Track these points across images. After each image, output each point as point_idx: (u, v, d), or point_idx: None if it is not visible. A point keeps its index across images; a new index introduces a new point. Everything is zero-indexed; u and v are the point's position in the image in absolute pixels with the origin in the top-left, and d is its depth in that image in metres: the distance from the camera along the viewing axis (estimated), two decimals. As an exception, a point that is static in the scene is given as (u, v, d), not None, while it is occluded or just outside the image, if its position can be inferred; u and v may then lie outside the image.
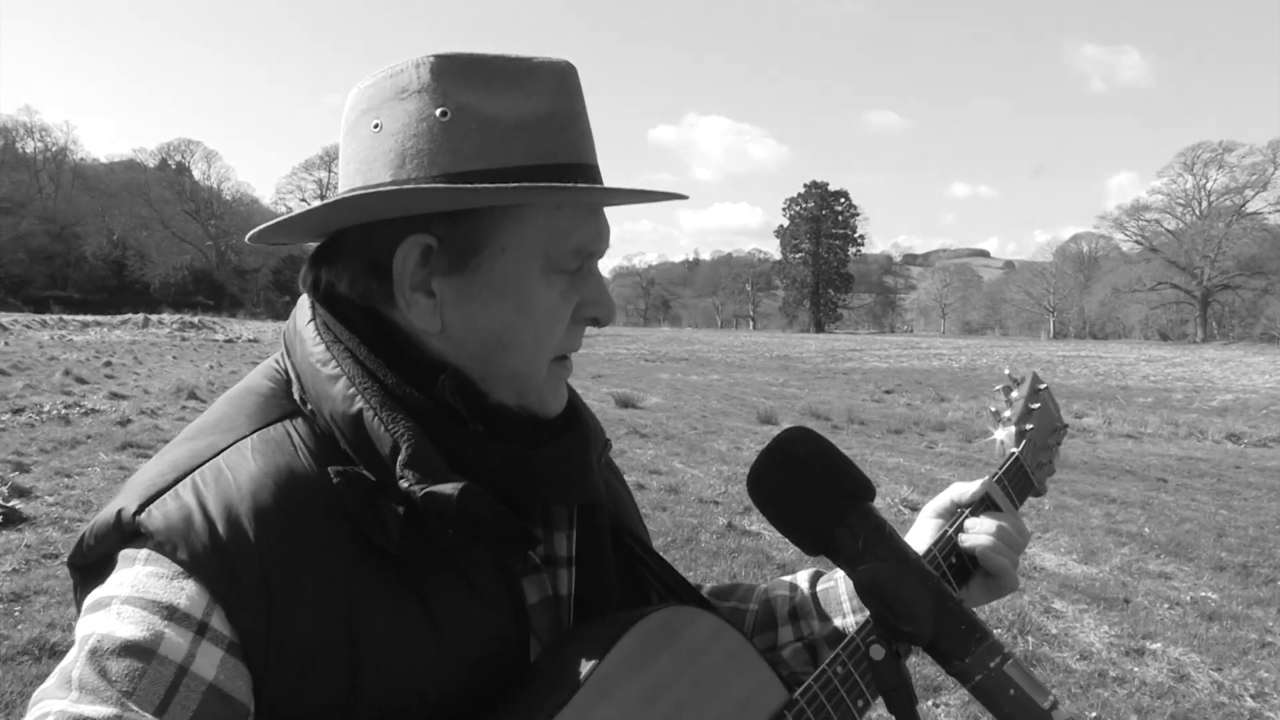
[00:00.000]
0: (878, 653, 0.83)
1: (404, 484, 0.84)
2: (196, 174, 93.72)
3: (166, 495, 0.83)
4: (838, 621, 1.19)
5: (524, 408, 0.97)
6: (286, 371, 0.97)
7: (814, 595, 1.24)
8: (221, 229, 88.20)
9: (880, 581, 0.80)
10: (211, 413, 0.96)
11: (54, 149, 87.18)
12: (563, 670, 0.87)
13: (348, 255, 0.96)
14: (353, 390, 0.89)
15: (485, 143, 0.89)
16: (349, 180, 0.96)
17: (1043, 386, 1.49)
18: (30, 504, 7.19)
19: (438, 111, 0.89)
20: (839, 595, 1.22)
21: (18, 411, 11.95)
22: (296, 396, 0.94)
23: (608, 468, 1.19)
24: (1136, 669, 5.09)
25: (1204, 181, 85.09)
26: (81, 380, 16.93)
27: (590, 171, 0.94)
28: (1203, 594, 6.49)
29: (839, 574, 1.23)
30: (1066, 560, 7.23)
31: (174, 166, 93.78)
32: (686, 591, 1.07)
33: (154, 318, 46.76)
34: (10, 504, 6.90)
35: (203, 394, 15.22)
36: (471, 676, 0.87)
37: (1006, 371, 1.55)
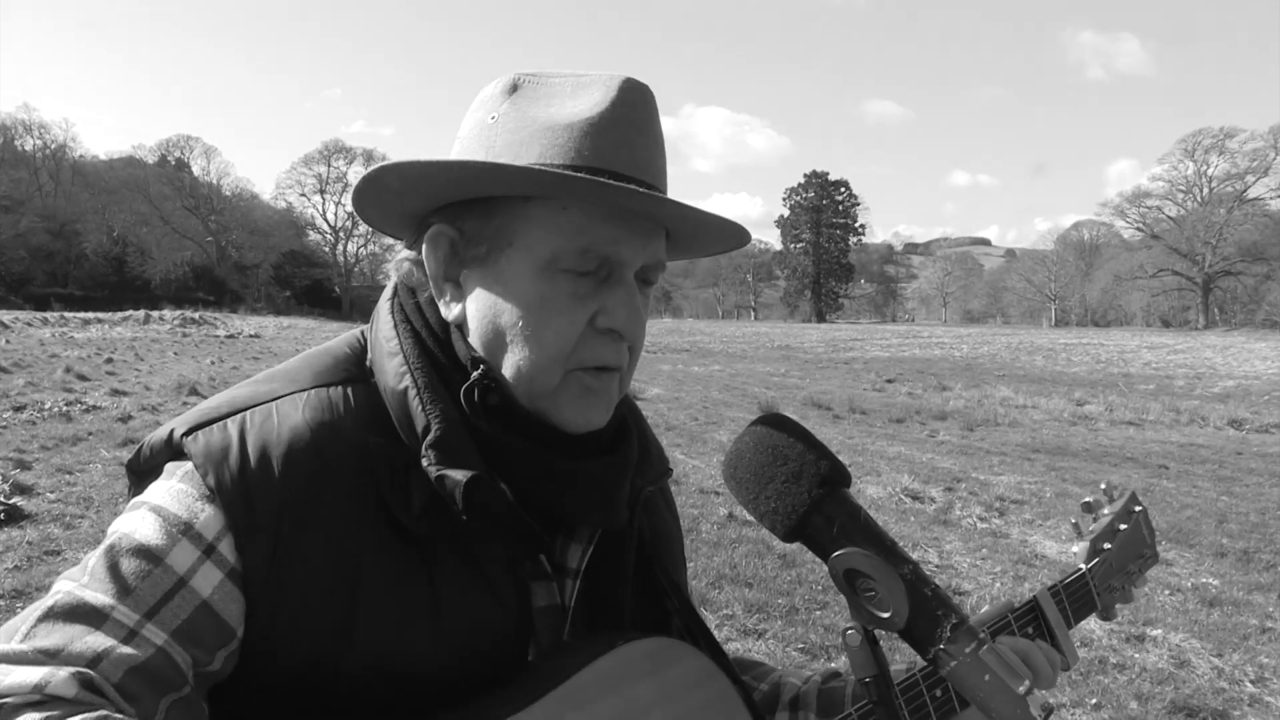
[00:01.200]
0: (854, 639, 0.83)
1: (424, 463, 0.88)
2: (196, 170, 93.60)
3: (214, 425, 0.91)
4: None
5: (539, 414, 0.96)
6: (364, 343, 1.04)
7: (821, 690, 1.23)
8: (222, 225, 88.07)
9: (854, 567, 0.80)
10: (286, 364, 1.03)
11: (53, 146, 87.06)
12: (543, 674, 0.89)
13: (406, 247, 1.03)
14: (404, 368, 0.95)
15: (514, 141, 0.93)
16: None
17: (1139, 509, 1.41)
18: (32, 501, 7.21)
19: (490, 117, 0.97)
20: (843, 696, 1.21)
21: (19, 409, 11.95)
22: (368, 364, 1.01)
23: (661, 496, 1.20)
24: (1137, 655, 5.09)
25: (1205, 168, 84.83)
26: (83, 377, 16.94)
27: (630, 182, 0.91)
28: (1203, 580, 6.49)
29: (852, 678, 1.21)
30: (1067, 547, 7.22)
31: (173, 163, 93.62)
32: (706, 638, 1.06)
33: (155, 314, 46.77)
34: (12, 501, 6.92)
35: (204, 390, 15.23)
36: (464, 663, 0.89)
37: (1102, 486, 1.47)
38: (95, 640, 0.79)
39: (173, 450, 0.91)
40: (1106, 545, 1.35)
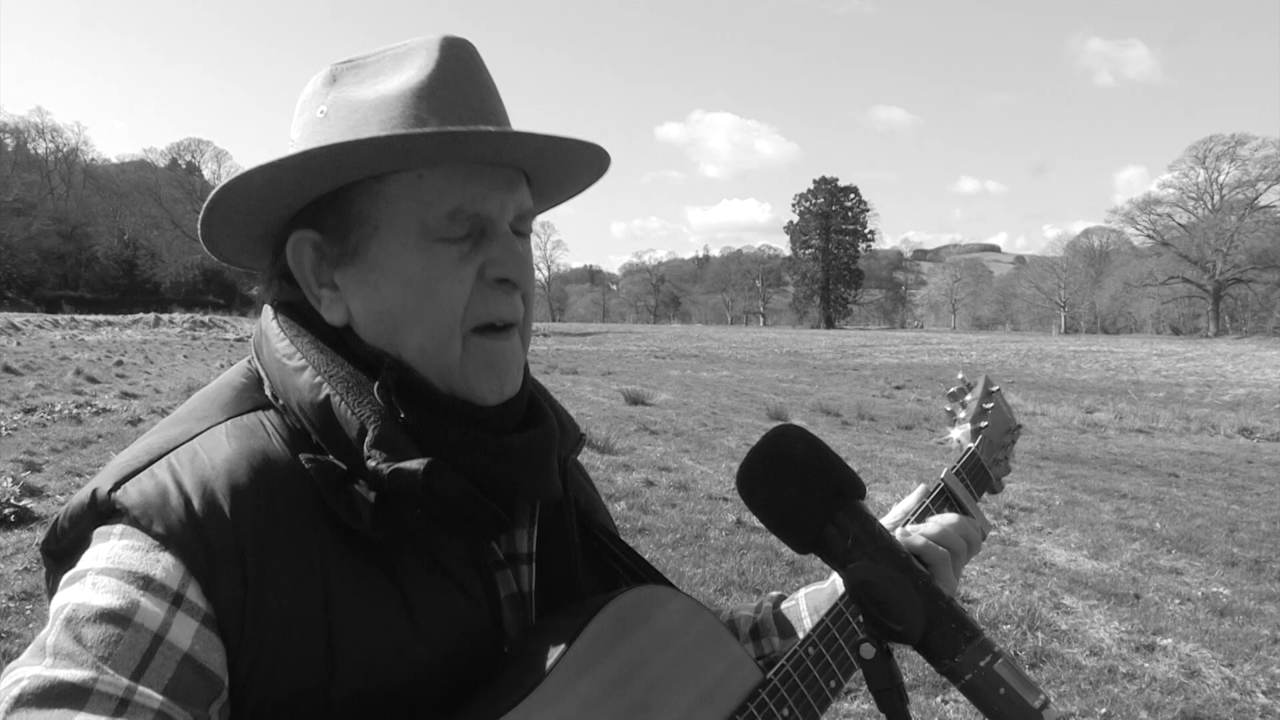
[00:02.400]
0: (868, 652, 0.82)
1: (371, 463, 0.85)
2: (207, 173, 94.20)
3: (142, 474, 0.83)
4: (798, 638, 1.19)
5: (452, 393, 0.94)
6: (257, 372, 0.98)
7: (776, 614, 1.25)
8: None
9: (870, 580, 0.79)
10: (186, 405, 0.97)
11: (65, 150, 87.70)
12: (537, 653, 0.87)
13: (268, 263, 1.00)
14: (319, 379, 0.90)
15: (350, 126, 0.91)
16: None
17: (995, 389, 1.55)
18: (41, 503, 7.24)
19: (318, 112, 0.95)
20: (800, 612, 1.24)
21: (30, 411, 12.02)
22: (268, 393, 0.95)
23: (574, 465, 1.18)
24: (1147, 665, 5.06)
25: (1216, 175, 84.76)
26: (93, 380, 17.02)
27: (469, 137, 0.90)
28: (1214, 589, 6.45)
29: (801, 593, 1.27)
30: (1077, 556, 7.20)
31: (184, 166, 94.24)
32: (654, 577, 1.07)
33: (165, 317, 47.00)
34: (22, 503, 6.95)
35: (213, 393, 15.27)
36: (447, 663, 0.87)
37: (959, 375, 1.60)
38: None
39: (98, 512, 0.82)
40: (983, 424, 1.48)
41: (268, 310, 1.00)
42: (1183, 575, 6.80)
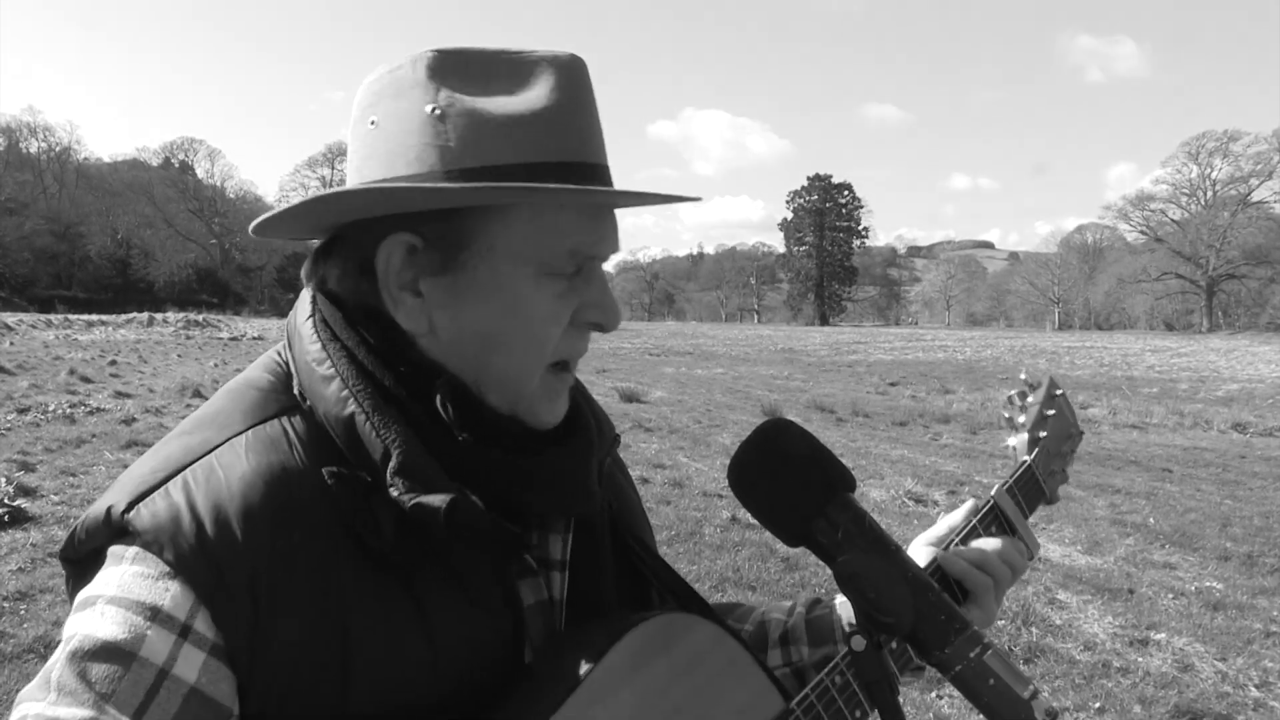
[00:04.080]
0: (859, 644, 0.83)
1: (393, 492, 0.83)
2: (200, 172, 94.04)
3: (156, 494, 0.82)
4: (828, 649, 1.18)
5: (515, 417, 0.93)
6: (288, 365, 0.96)
7: (807, 621, 1.22)
8: (225, 227, 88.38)
9: (859, 572, 0.80)
10: (208, 406, 0.95)
11: (58, 149, 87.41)
12: (558, 673, 0.86)
13: (340, 252, 0.95)
14: (345, 393, 0.88)
15: (474, 140, 0.86)
16: (350, 177, 0.94)
17: (1059, 392, 1.46)
18: (35, 503, 7.22)
19: (428, 109, 0.87)
20: (832, 622, 1.20)
21: (23, 411, 11.99)
22: (296, 391, 0.93)
23: (614, 464, 1.16)
24: (1141, 659, 5.08)
25: (1209, 171, 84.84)
26: (86, 379, 16.97)
27: (593, 171, 0.90)
28: (1207, 584, 6.47)
29: (838, 600, 1.21)
30: (1071, 551, 7.22)
31: (177, 165, 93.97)
32: (687, 595, 1.05)
33: (158, 316, 46.90)
34: (16, 503, 6.94)
35: (207, 392, 15.24)
36: (465, 679, 0.86)
37: (1022, 376, 1.52)
38: None
39: (113, 530, 0.81)
40: (1042, 434, 1.39)
41: (305, 302, 0.97)
42: (1176, 570, 6.82)
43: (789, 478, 0.84)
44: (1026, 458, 1.35)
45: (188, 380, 16.59)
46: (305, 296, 0.98)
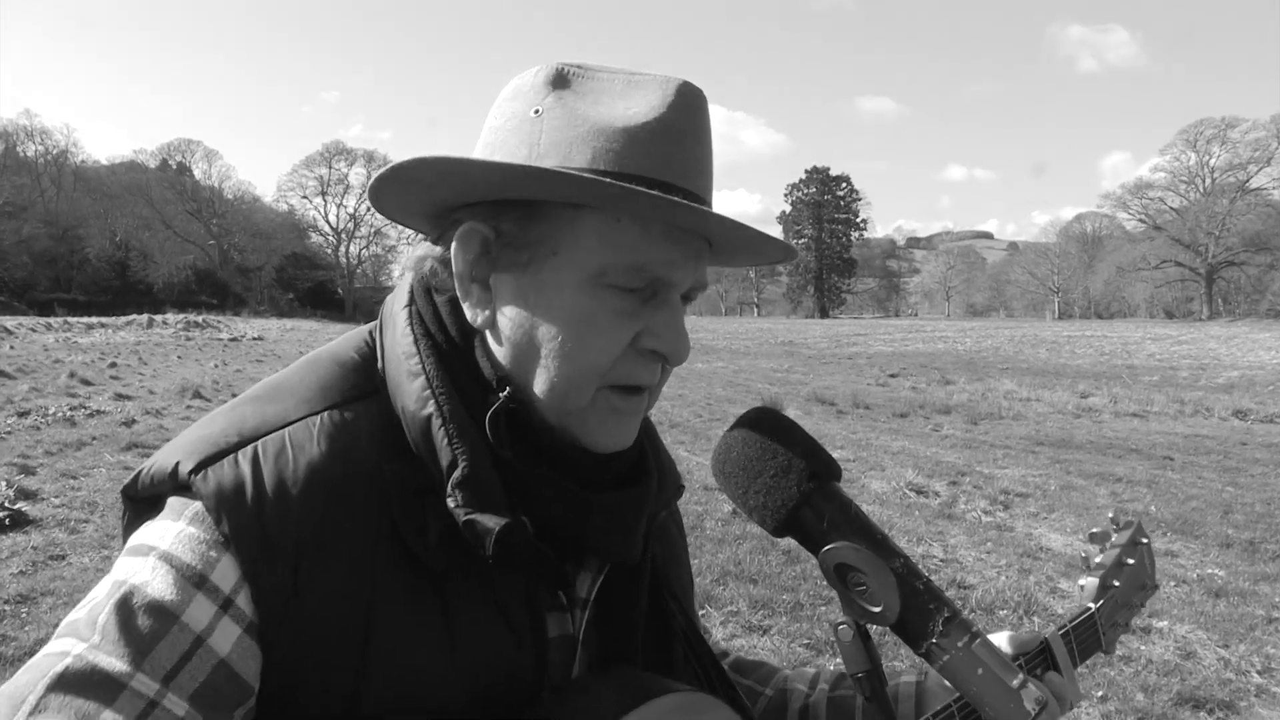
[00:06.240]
0: (846, 634, 0.82)
1: (450, 503, 0.84)
2: (197, 174, 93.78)
3: (225, 460, 0.83)
4: None
5: (565, 432, 0.92)
6: (375, 347, 0.97)
7: (829, 699, 1.20)
8: (224, 228, 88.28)
9: (845, 561, 0.79)
10: (290, 374, 0.95)
11: (55, 152, 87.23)
12: None
13: (435, 241, 0.96)
14: (428, 393, 0.88)
15: (561, 140, 0.86)
16: None
17: (1144, 540, 1.41)
18: (36, 506, 7.21)
19: (532, 110, 0.89)
20: (854, 706, 1.18)
21: (23, 414, 11.97)
22: (379, 375, 0.94)
23: (669, 514, 1.15)
24: (1143, 647, 5.08)
25: (1207, 158, 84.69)
26: (86, 382, 16.94)
27: (684, 196, 0.86)
28: (1209, 571, 6.48)
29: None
30: (1073, 540, 7.22)
31: (175, 167, 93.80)
32: (711, 664, 1.04)
33: (158, 318, 46.81)
34: (16, 506, 6.93)
35: (207, 393, 15.25)
36: (479, 698, 0.86)
37: (1110, 515, 1.46)
38: (111, 718, 0.72)
39: (177, 484, 0.84)
40: (1115, 583, 1.34)
41: (403, 290, 0.99)
42: (1178, 558, 6.82)
43: (772, 467, 0.83)
44: (1092, 605, 1.30)
45: (188, 381, 16.59)
46: (404, 284, 0.99)
